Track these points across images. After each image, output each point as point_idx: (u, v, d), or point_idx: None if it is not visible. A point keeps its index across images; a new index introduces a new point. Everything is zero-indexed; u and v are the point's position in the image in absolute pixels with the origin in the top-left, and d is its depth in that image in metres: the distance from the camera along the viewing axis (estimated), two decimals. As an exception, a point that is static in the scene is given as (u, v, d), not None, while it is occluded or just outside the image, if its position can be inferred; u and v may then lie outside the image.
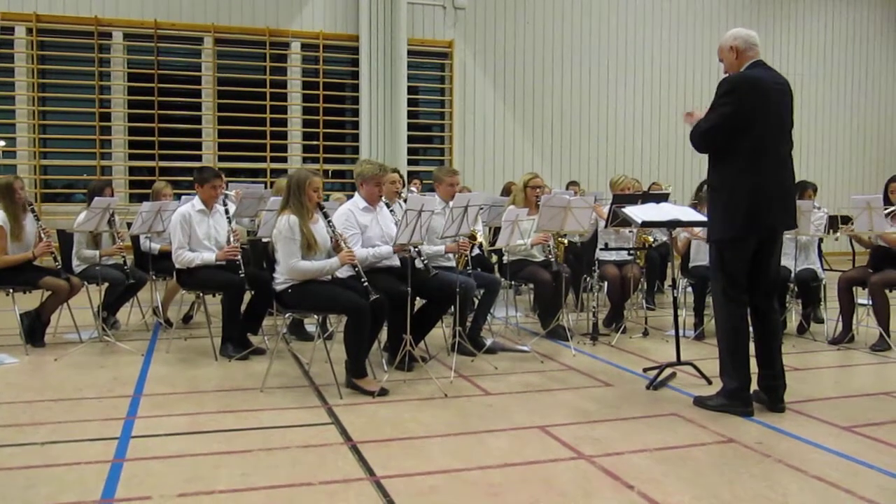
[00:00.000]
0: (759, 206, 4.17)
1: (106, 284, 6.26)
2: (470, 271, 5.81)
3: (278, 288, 4.81)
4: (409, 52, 12.38)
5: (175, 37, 11.76)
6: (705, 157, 4.40)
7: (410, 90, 12.52)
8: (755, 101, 4.15)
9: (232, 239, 5.77)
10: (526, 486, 3.25)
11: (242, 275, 5.61)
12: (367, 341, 4.76)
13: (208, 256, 5.67)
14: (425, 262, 5.18)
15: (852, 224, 6.27)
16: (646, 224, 5.19)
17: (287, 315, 5.20)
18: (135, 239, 6.95)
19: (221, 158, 11.86)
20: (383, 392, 4.62)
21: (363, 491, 3.17)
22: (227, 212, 5.88)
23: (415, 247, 5.07)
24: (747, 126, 4.14)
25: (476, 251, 6.45)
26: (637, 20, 14.10)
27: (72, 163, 11.74)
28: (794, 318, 6.97)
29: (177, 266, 5.72)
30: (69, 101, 11.48)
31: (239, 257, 5.70)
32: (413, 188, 9.79)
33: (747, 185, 4.17)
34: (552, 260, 6.35)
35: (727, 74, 4.37)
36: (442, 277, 5.27)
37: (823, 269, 7.00)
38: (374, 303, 4.62)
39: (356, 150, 12.55)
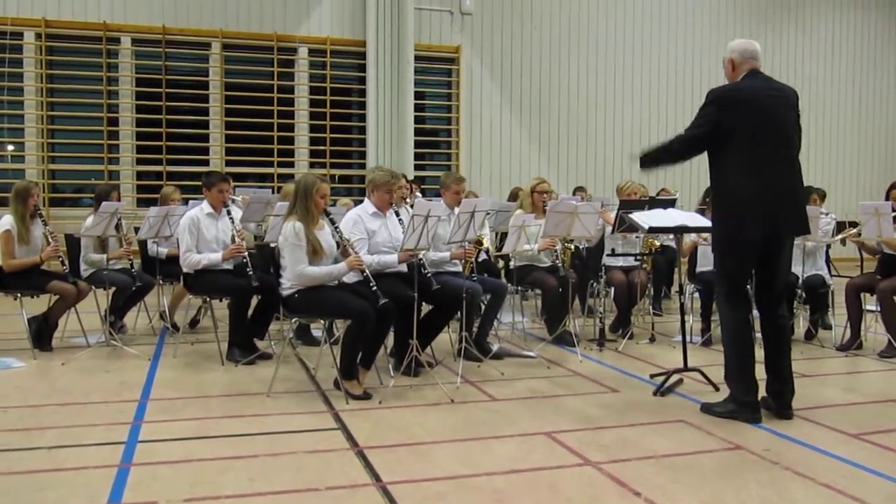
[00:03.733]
0: (750, 211, 4.16)
1: (113, 289, 6.27)
2: (476, 277, 5.80)
3: (285, 293, 4.81)
4: (416, 58, 12.42)
5: (183, 42, 11.82)
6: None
7: (417, 95, 12.56)
8: (738, 110, 4.20)
9: (237, 238, 5.79)
10: (532, 492, 3.24)
11: (250, 271, 5.62)
12: (365, 347, 4.76)
13: (214, 257, 5.69)
14: (428, 275, 5.15)
15: (856, 229, 6.25)
16: (653, 230, 5.18)
17: (293, 320, 5.20)
18: (142, 243, 6.97)
19: (229, 163, 11.91)
20: (367, 396, 4.64)
21: (369, 497, 3.17)
22: (228, 213, 5.91)
23: (420, 258, 5.06)
24: (731, 135, 4.19)
25: (483, 256, 6.44)
26: (644, 25, 14.11)
27: (80, 167, 11.79)
28: (801, 325, 6.94)
29: (184, 269, 5.73)
30: (77, 106, 11.55)
31: (246, 254, 5.70)
32: (416, 193, 9.80)
33: (736, 191, 4.20)
34: (559, 265, 6.34)
35: None
36: (448, 283, 5.26)
37: (831, 275, 6.97)
38: (381, 308, 4.62)
39: (363, 155, 12.58)
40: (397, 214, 5.45)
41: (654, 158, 4.58)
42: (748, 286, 4.45)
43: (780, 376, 4.31)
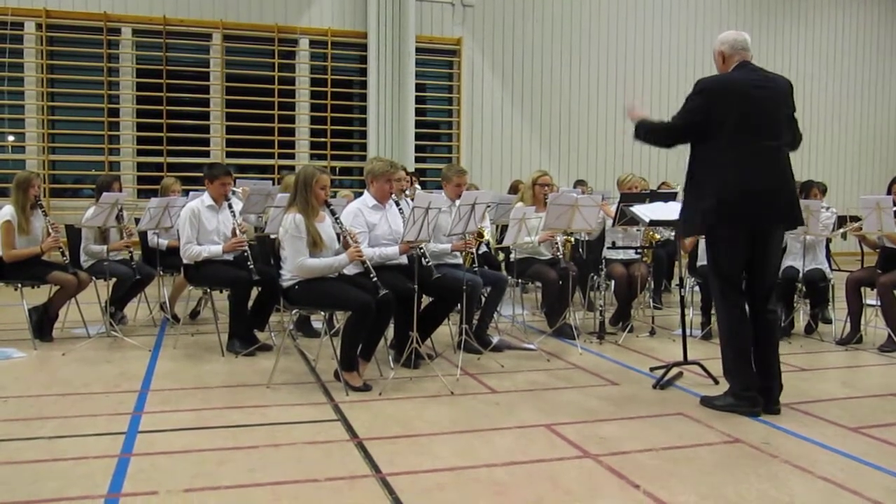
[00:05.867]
0: (734, 204, 4.14)
1: (113, 280, 6.27)
2: (476, 269, 5.80)
3: (285, 284, 4.81)
4: (418, 50, 12.38)
5: (184, 33, 11.78)
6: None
7: (418, 87, 12.52)
8: (726, 101, 4.18)
9: (238, 231, 5.79)
10: (532, 484, 3.25)
11: (251, 265, 5.62)
12: (364, 338, 4.76)
13: (215, 249, 5.69)
14: (429, 263, 5.16)
15: (857, 223, 6.25)
16: (653, 223, 5.18)
17: (294, 311, 5.20)
18: (143, 234, 6.97)
19: (229, 154, 11.90)
20: (366, 388, 4.65)
21: (369, 488, 3.18)
22: (229, 205, 5.91)
23: (420, 248, 5.06)
24: (718, 126, 4.17)
25: (483, 249, 6.44)
26: (646, 18, 14.06)
27: (80, 158, 11.76)
28: (801, 319, 6.95)
29: (185, 261, 5.73)
30: (78, 97, 11.53)
31: (247, 247, 5.71)
32: (416, 185, 9.80)
33: (720, 184, 4.17)
34: (559, 258, 6.33)
35: None
36: (449, 275, 5.26)
37: (832, 270, 6.97)
38: (381, 300, 4.62)
39: (364, 147, 12.56)
40: (397, 205, 5.44)
41: (646, 132, 4.50)
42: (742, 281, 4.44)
43: (769, 372, 4.30)
